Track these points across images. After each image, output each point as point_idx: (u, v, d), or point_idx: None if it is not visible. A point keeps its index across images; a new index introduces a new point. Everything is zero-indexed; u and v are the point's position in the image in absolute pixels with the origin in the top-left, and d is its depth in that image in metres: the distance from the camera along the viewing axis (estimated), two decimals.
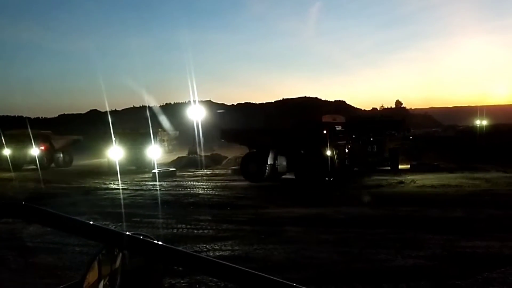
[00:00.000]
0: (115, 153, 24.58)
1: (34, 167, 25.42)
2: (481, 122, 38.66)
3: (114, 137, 25.01)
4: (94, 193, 15.64)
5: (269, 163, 18.75)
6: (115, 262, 1.08)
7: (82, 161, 33.58)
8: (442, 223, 9.18)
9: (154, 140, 26.02)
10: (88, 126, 27.72)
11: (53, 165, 29.13)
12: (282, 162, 18.57)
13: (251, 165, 19.04)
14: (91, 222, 0.93)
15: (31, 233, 8.03)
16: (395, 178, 17.54)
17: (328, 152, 17.19)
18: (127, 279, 1.10)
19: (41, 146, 28.35)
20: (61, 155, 29.87)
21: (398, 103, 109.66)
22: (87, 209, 11.79)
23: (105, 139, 26.42)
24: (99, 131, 29.11)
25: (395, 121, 20.80)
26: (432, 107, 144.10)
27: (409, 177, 17.66)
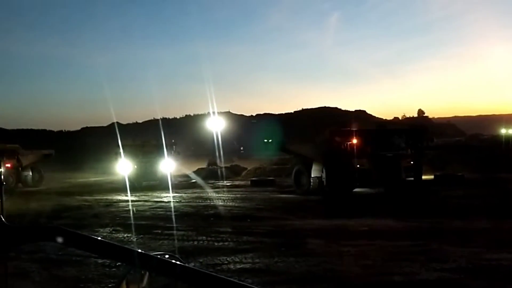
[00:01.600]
0: (124, 167, 22.18)
1: None
2: (506, 131, 37.77)
3: (123, 149, 22.35)
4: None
5: (313, 175, 17.87)
6: (142, 282, 1.11)
7: (79, 179, 31.68)
8: (466, 235, 8.97)
9: (168, 152, 23.40)
10: (108, 139, 26.21)
11: (20, 185, 24.67)
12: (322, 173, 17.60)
13: (302, 177, 18.44)
14: (121, 245, 0.96)
15: (54, 246, 8.15)
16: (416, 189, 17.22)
17: (359, 162, 16.37)
18: None
19: (6, 163, 23.53)
20: (30, 173, 25.66)
21: (420, 112, 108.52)
22: (109, 221, 11.92)
23: (114, 152, 23.90)
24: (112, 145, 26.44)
25: (417, 130, 20.22)
26: (455, 116, 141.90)
27: (432, 188, 17.35)
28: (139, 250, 0.97)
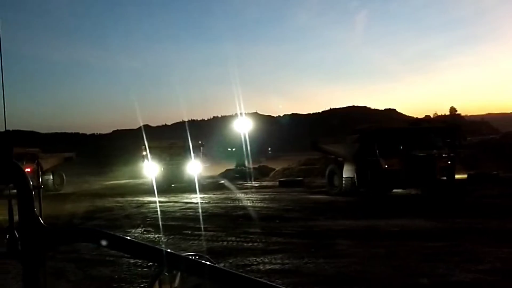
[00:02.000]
0: (150, 169, 22.07)
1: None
2: None
3: (150, 151, 22.13)
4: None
5: (345, 176, 17.49)
6: (174, 282, 1.14)
7: (110, 181, 32.25)
8: (502, 235, 8.71)
9: (196, 154, 23.22)
10: (138, 141, 26.13)
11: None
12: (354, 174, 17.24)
13: (335, 177, 18.20)
14: (153, 246, 0.98)
15: (88, 246, 8.36)
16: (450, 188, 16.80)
17: (387, 162, 15.73)
18: None
19: (26, 168, 22.88)
20: (51, 177, 24.87)
21: (452, 109, 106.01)
22: (141, 221, 12.13)
23: (140, 155, 23.65)
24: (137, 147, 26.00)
25: (450, 128, 19.57)
26: (489, 113, 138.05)
27: (465, 188, 16.89)
28: (170, 251, 0.99)
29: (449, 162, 15.98)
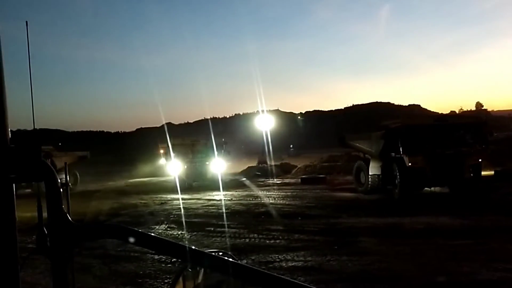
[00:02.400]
0: (174, 167, 22.13)
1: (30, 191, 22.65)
2: None
3: (173, 149, 22.29)
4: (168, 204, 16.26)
5: (371, 173, 17.15)
6: (198, 278, 1.16)
7: (131, 178, 31.86)
8: None
9: (218, 152, 22.98)
10: (161, 139, 25.83)
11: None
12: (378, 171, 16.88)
13: (362, 174, 17.96)
14: (176, 242, 1.00)
15: (113, 242, 8.51)
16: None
17: (411, 160, 15.11)
18: None
19: None
20: (64, 176, 25.52)
21: (478, 105, 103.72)
22: (164, 218, 12.29)
23: (159, 153, 24.35)
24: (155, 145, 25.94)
25: (477, 123, 18.85)
26: None
27: (492, 185, 16.50)
28: (194, 247, 1.00)
29: (479, 160, 15.40)
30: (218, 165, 22.55)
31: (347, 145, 20.61)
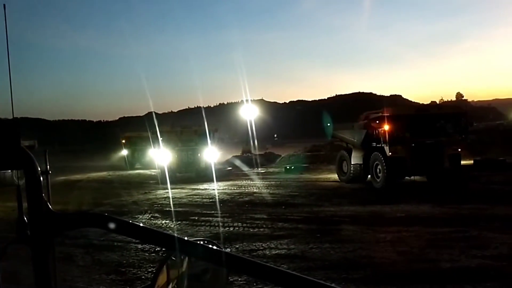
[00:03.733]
0: (161, 156, 20.11)
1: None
2: None
3: (160, 137, 20.39)
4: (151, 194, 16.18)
5: (353, 162, 17.39)
6: (182, 266, 1.16)
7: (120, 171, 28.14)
8: (508, 221, 8.69)
9: (212, 140, 20.96)
10: (145, 128, 25.04)
11: None
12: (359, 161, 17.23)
13: (345, 164, 18.13)
14: (160, 231, 0.99)
15: (96, 231, 8.46)
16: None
17: (392, 149, 15.41)
18: (193, 281, 1.19)
19: None
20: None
21: (459, 95, 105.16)
22: (148, 207, 12.24)
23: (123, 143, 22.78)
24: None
25: (456, 114, 19.30)
26: (496, 99, 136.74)
27: (472, 174, 16.84)
28: (179, 236, 1.00)
29: (458, 150, 15.76)
30: (211, 154, 20.74)
31: (332, 136, 20.72)
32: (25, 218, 1.02)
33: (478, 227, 8.21)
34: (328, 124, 20.28)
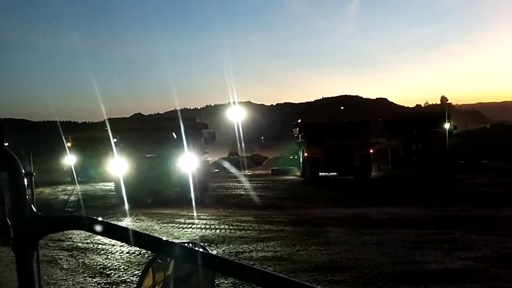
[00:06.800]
0: (117, 168, 13.72)
1: None
2: None
3: (115, 138, 14.83)
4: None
5: (300, 161, 21.24)
6: (168, 269, 1.15)
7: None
8: (491, 223, 8.82)
9: (194, 141, 14.46)
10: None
11: None
12: None
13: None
14: (146, 233, 0.99)
15: (81, 234, 8.36)
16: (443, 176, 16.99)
17: (309, 151, 18.81)
18: (179, 284, 1.19)
19: None
20: None
21: (443, 99, 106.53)
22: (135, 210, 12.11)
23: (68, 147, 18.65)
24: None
25: (440, 117, 20.28)
26: (479, 103, 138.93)
27: (457, 176, 17.08)
28: (165, 238, 1.00)
29: (370, 151, 18.92)
30: (188, 163, 13.54)
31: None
32: (8, 221, 1.00)
33: (462, 229, 8.31)
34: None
